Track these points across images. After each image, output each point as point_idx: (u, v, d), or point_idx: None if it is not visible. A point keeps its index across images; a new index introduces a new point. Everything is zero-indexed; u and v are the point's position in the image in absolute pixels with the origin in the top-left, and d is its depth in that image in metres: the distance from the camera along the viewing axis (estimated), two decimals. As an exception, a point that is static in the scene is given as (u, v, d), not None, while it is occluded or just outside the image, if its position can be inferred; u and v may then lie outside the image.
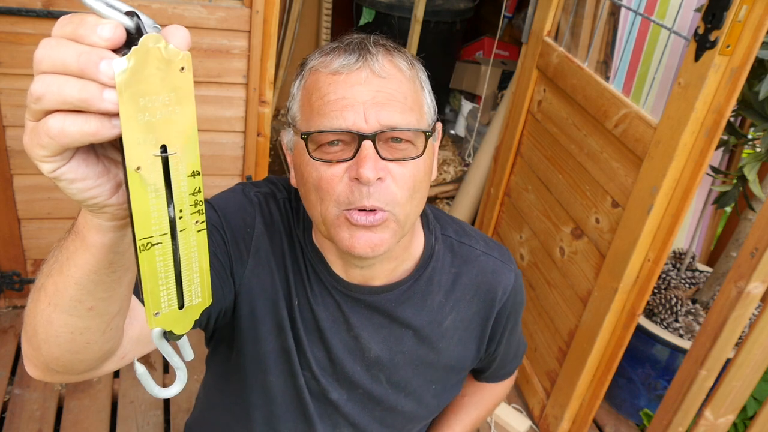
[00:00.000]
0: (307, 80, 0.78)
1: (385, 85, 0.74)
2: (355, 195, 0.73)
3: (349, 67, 0.74)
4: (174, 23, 1.83)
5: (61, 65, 0.40)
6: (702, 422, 1.42)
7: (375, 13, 3.29)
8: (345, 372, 0.91)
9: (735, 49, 1.26)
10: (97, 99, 0.40)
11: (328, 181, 0.74)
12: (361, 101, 0.73)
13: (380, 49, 0.77)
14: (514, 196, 2.16)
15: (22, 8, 1.62)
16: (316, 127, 0.74)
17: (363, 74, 0.74)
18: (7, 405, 1.76)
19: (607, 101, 1.61)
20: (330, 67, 0.75)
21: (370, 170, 0.71)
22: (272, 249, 0.86)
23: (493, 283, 0.95)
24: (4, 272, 1.99)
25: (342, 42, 0.78)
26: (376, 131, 0.73)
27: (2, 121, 1.76)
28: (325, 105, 0.74)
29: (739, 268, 1.25)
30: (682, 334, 1.87)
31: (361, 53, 0.75)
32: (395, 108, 0.74)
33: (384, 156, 0.73)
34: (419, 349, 0.93)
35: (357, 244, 0.76)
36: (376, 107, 0.73)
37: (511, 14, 3.43)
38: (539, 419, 1.97)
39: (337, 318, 0.89)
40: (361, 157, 0.72)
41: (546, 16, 1.93)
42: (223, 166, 2.00)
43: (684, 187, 1.41)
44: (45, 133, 0.41)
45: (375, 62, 0.74)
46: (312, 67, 0.78)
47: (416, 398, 0.97)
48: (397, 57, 0.77)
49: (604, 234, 1.66)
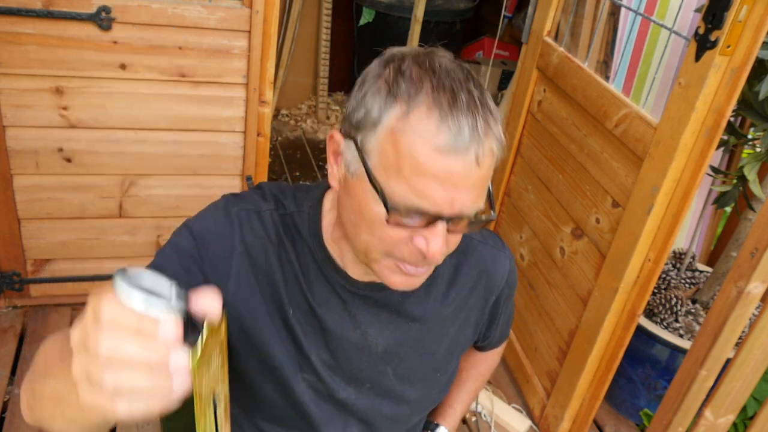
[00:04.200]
0: (403, 136, 0.68)
1: (479, 175, 0.70)
2: (414, 257, 0.74)
3: (455, 152, 0.67)
4: (174, 23, 1.83)
5: (132, 361, 0.45)
6: (702, 422, 1.42)
7: (375, 13, 3.29)
8: (352, 369, 0.92)
9: (735, 49, 1.26)
10: (169, 390, 0.46)
11: (390, 238, 0.73)
12: (454, 187, 0.68)
13: (489, 131, 0.69)
14: (514, 196, 2.16)
15: (22, 8, 1.62)
16: (399, 198, 0.69)
17: (464, 163, 0.68)
18: (7, 405, 1.76)
19: (608, 101, 1.61)
20: (434, 141, 0.67)
21: (439, 252, 0.71)
22: (253, 268, 0.86)
23: (492, 272, 0.98)
24: (4, 272, 1.99)
25: (453, 95, 0.68)
26: (456, 214, 0.71)
27: (2, 121, 1.76)
28: (418, 180, 0.68)
29: (739, 268, 1.25)
30: (682, 334, 1.87)
31: (473, 135, 0.67)
32: (476, 195, 0.71)
33: (450, 230, 0.73)
34: (423, 340, 0.95)
35: (399, 283, 0.78)
36: (463, 194, 0.69)
37: (511, 14, 3.43)
38: (539, 419, 1.97)
39: (343, 317, 0.89)
40: (434, 235, 0.71)
41: (546, 16, 1.93)
42: (223, 166, 2.00)
43: (684, 187, 1.41)
44: (111, 410, 0.46)
45: (480, 151, 0.68)
46: (413, 127, 0.68)
47: (422, 387, 0.99)
48: (494, 141, 0.71)
49: (605, 234, 1.66)
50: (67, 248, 2.01)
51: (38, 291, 2.06)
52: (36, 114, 1.78)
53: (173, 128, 1.91)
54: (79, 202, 1.94)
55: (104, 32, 1.71)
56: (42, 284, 2.05)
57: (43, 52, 1.70)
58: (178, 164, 1.97)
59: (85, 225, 1.99)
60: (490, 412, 1.97)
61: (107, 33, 1.72)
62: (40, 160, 1.85)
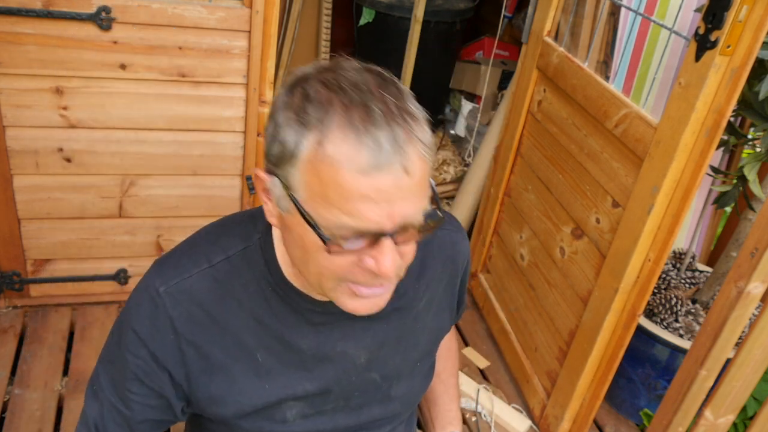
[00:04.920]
0: (323, 166, 0.65)
1: (411, 182, 0.66)
2: (367, 279, 0.71)
3: (379, 169, 0.64)
4: (174, 23, 1.83)
5: None
6: (702, 422, 1.42)
7: (375, 13, 3.29)
8: (341, 387, 0.92)
9: (735, 50, 1.26)
10: None
11: (339, 266, 0.71)
12: (387, 201, 0.66)
13: (411, 138, 0.66)
14: (514, 196, 2.16)
15: (22, 8, 1.62)
16: (333, 224, 0.66)
17: (392, 177, 0.65)
18: (7, 405, 1.76)
19: (608, 101, 1.61)
20: (354, 164, 0.64)
21: (391, 270, 0.68)
22: (205, 335, 0.84)
23: (454, 255, 1.00)
24: (4, 272, 1.99)
25: (366, 107, 0.65)
26: (398, 228, 0.68)
27: (2, 121, 1.76)
28: (348, 205, 0.65)
29: (739, 268, 1.25)
30: (682, 334, 1.87)
31: (394, 148, 0.64)
32: (416, 202, 0.69)
33: (398, 242, 0.70)
34: (403, 337, 0.95)
35: (361, 308, 0.75)
36: (400, 205, 0.67)
37: (511, 14, 3.42)
38: (539, 419, 1.97)
39: (319, 341, 0.88)
40: (382, 254, 0.68)
41: (546, 16, 1.93)
42: (223, 166, 2.00)
43: (684, 187, 1.41)
44: None
45: (407, 161, 0.65)
46: (330, 155, 0.65)
47: (407, 381, 1.00)
48: (420, 146, 0.67)
49: (605, 234, 1.66)
50: (67, 248, 2.01)
51: (38, 291, 2.06)
52: (36, 114, 1.78)
53: (173, 128, 1.91)
54: (79, 202, 1.94)
55: (104, 32, 1.71)
56: (42, 284, 2.05)
57: (43, 52, 1.70)
58: (178, 164, 1.97)
59: (85, 225, 1.99)
60: (490, 412, 1.97)
61: (107, 33, 1.72)
62: (40, 160, 1.85)
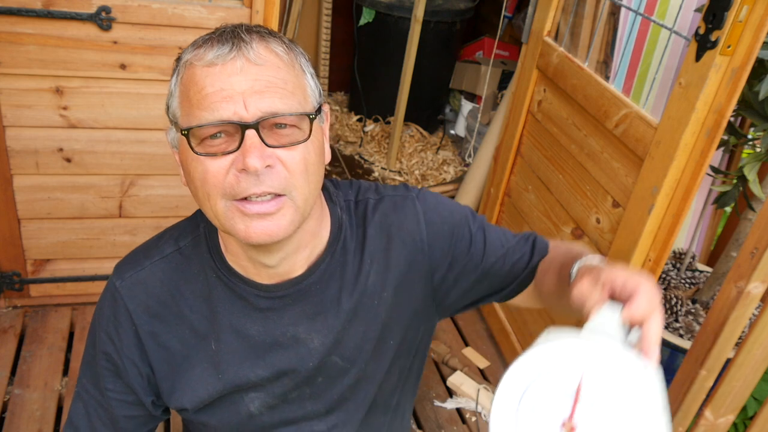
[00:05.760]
0: (183, 75, 0.76)
1: (262, 72, 0.73)
2: (242, 185, 0.73)
3: (223, 57, 0.72)
4: (174, 23, 1.82)
5: None
6: (702, 422, 1.42)
7: (375, 13, 3.29)
8: (299, 373, 0.91)
9: (736, 49, 1.26)
10: None
11: (215, 174, 0.73)
12: (240, 91, 0.71)
13: (254, 36, 0.75)
14: (514, 196, 2.16)
15: (22, 8, 1.62)
16: (196, 122, 0.73)
17: (238, 63, 0.72)
18: (7, 405, 1.76)
19: (608, 101, 1.61)
20: (204, 59, 0.73)
21: (257, 158, 0.71)
22: (162, 325, 0.88)
23: (400, 220, 0.92)
24: (4, 272, 1.99)
25: (215, 33, 0.76)
26: (258, 119, 0.72)
27: (2, 121, 1.76)
28: (204, 98, 0.72)
29: (739, 268, 1.25)
30: (682, 334, 1.87)
31: (235, 42, 0.73)
32: (275, 94, 0.73)
33: (270, 143, 0.73)
34: (357, 316, 0.91)
35: (253, 233, 0.75)
36: (256, 95, 0.72)
37: (511, 14, 3.42)
38: (539, 419, 1.96)
39: (268, 327, 0.88)
40: (246, 147, 0.71)
41: (546, 16, 1.93)
42: (223, 166, 2.00)
43: (685, 187, 1.41)
44: None
45: (250, 50, 0.73)
46: (187, 61, 0.75)
47: (376, 361, 0.95)
48: (272, 42, 0.76)
49: (605, 234, 1.66)
50: (67, 248, 2.01)
51: (38, 291, 2.06)
52: (36, 114, 1.78)
53: (173, 128, 1.91)
54: (79, 202, 1.94)
55: (104, 32, 1.71)
56: (42, 284, 2.05)
57: (43, 52, 1.70)
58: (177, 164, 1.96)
59: (85, 225, 1.99)
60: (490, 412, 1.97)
61: (107, 33, 1.72)
62: (40, 160, 1.85)
